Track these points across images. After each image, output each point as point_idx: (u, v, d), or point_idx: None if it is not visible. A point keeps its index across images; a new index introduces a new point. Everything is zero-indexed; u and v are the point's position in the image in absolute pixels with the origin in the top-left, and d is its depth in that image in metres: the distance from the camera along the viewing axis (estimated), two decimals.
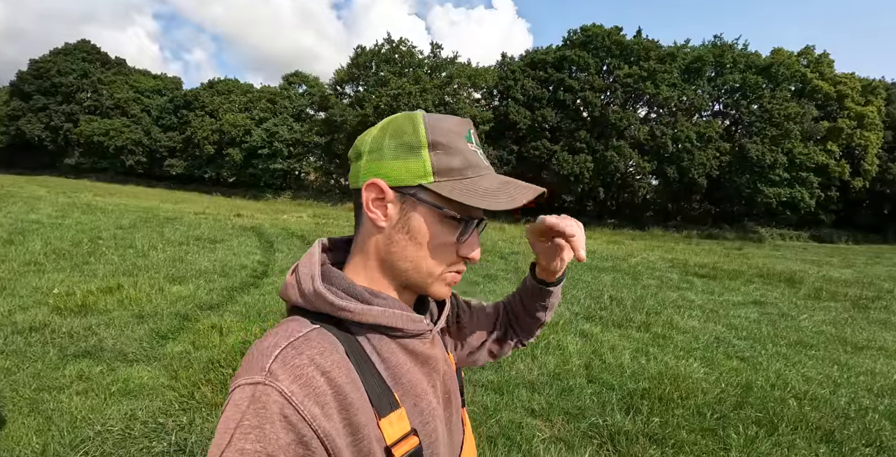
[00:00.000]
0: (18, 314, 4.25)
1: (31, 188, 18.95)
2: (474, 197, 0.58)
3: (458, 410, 0.74)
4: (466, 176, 0.60)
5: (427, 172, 0.59)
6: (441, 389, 0.68)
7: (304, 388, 0.51)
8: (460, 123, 0.63)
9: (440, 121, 0.62)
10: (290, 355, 0.53)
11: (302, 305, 0.61)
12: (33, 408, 2.79)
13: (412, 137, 0.60)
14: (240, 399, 0.51)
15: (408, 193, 0.60)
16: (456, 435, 0.71)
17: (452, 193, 0.58)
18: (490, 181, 0.61)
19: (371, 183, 0.61)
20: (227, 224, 11.79)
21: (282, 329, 0.57)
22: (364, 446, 0.54)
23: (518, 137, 29.19)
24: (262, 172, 35.79)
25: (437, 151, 0.60)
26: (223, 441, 0.48)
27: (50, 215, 10.52)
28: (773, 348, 4.82)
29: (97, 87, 42.41)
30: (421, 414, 0.62)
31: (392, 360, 0.61)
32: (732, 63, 28.26)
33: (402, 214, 0.61)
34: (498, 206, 0.58)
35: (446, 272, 0.64)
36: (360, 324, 0.60)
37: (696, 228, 27.09)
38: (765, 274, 9.57)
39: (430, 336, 0.67)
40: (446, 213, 0.60)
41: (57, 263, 6.23)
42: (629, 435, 2.83)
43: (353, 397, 0.54)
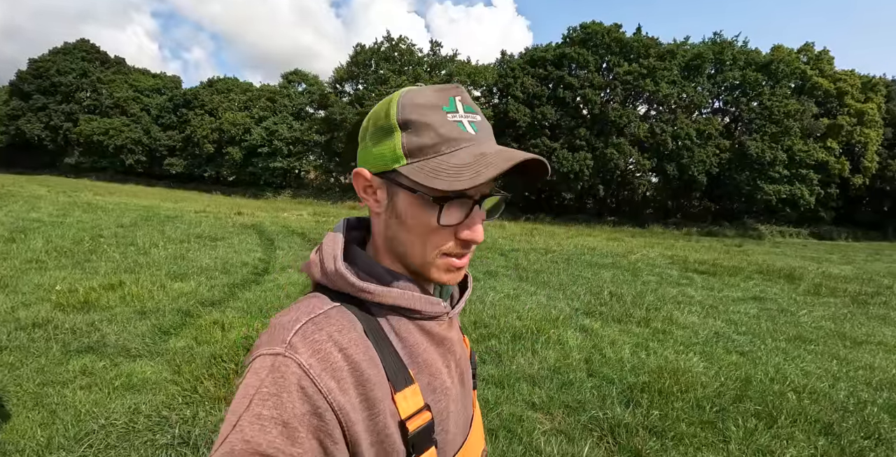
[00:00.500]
0: (21, 311, 4.27)
1: (31, 187, 18.96)
2: (439, 177, 0.55)
3: (469, 391, 0.75)
4: (440, 153, 0.56)
5: (399, 155, 0.57)
6: (455, 370, 0.69)
7: (321, 362, 0.53)
8: (439, 92, 0.59)
9: (416, 96, 0.58)
10: (309, 331, 0.55)
11: (325, 283, 0.62)
12: (37, 402, 2.81)
13: (385, 120, 0.59)
14: (260, 368, 0.52)
15: (388, 178, 0.59)
16: (467, 415, 0.73)
17: (418, 176, 0.56)
18: (463, 156, 0.56)
19: (356, 172, 0.62)
20: (227, 222, 11.80)
21: (303, 305, 0.59)
22: (380, 421, 0.55)
23: (518, 135, 29.17)
24: (261, 171, 35.81)
25: (407, 130, 0.57)
26: (241, 406, 0.50)
27: (51, 214, 10.54)
28: (773, 343, 4.84)
29: (97, 86, 42.37)
30: (434, 392, 0.63)
31: (409, 339, 0.62)
32: (732, 60, 28.23)
33: (389, 199, 0.61)
34: (458, 184, 0.54)
35: (439, 256, 0.61)
36: (380, 305, 0.61)
37: (695, 226, 27.10)
38: (764, 270, 9.58)
39: (448, 319, 0.67)
40: (421, 195, 0.57)
41: (59, 261, 6.25)
42: (629, 428, 2.85)
43: (370, 374, 0.55)
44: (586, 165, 26.95)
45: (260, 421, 0.49)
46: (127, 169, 40.86)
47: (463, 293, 0.74)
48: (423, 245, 0.60)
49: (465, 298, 0.73)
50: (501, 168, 0.55)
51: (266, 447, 0.48)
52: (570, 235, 16.44)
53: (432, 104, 0.58)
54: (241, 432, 0.48)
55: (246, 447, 0.48)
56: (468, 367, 0.75)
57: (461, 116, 0.59)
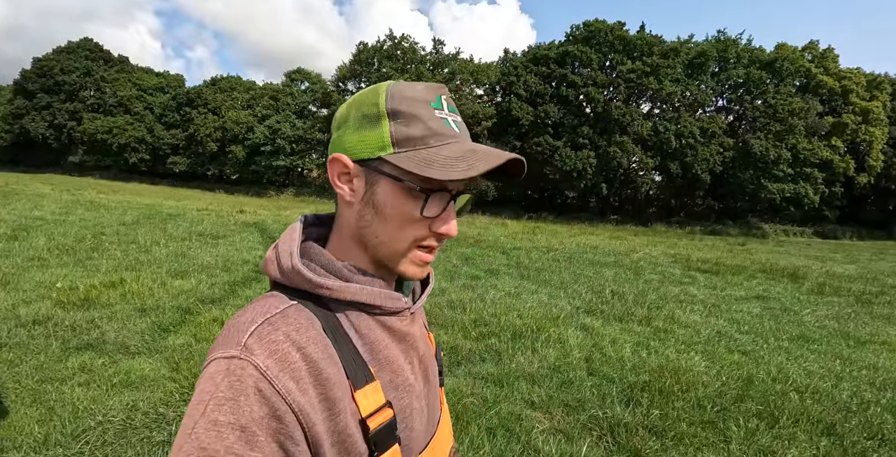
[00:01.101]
0: (22, 308, 4.28)
1: (35, 186, 19.04)
2: (432, 167, 0.55)
3: (435, 388, 0.73)
4: (429, 145, 0.57)
5: (386, 144, 0.57)
6: (419, 366, 0.68)
7: (279, 363, 0.51)
8: (428, 88, 0.60)
9: (405, 89, 0.59)
10: (266, 331, 0.53)
11: (281, 281, 0.60)
12: (36, 399, 2.81)
13: (372, 108, 0.58)
14: (215, 372, 0.50)
15: (370, 167, 0.58)
16: (433, 413, 0.71)
17: (409, 165, 0.55)
18: (453, 150, 0.57)
19: (333, 158, 0.60)
20: (229, 220, 11.81)
21: (259, 305, 0.57)
22: (340, 421, 0.54)
23: (520, 133, 29.14)
24: (264, 169, 35.87)
25: (396, 120, 0.57)
26: (197, 412, 0.48)
27: (54, 212, 10.57)
28: (775, 343, 4.80)
29: (100, 85, 42.52)
30: (396, 389, 0.62)
31: (370, 336, 0.61)
32: (736, 58, 28.11)
33: (368, 188, 0.59)
34: (453, 174, 0.54)
35: (414, 249, 0.61)
36: (339, 301, 0.60)
37: (699, 224, 27.03)
38: (768, 269, 9.53)
39: (409, 314, 0.66)
40: (406, 185, 0.57)
41: (60, 259, 6.26)
42: (629, 427, 2.82)
43: (330, 373, 0.54)
44: (589, 163, 26.90)
45: (216, 427, 0.47)
46: (131, 167, 41.00)
47: (424, 289, 0.73)
48: (399, 236, 0.60)
49: (427, 293, 0.72)
50: (493, 163, 0.55)
51: (224, 454, 0.46)
52: (572, 233, 16.40)
53: (421, 98, 0.58)
54: (197, 439, 0.46)
55: (202, 455, 0.46)
56: (433, 363, 0.74)
57: (446, 113, 0.60)
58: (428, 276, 0.75)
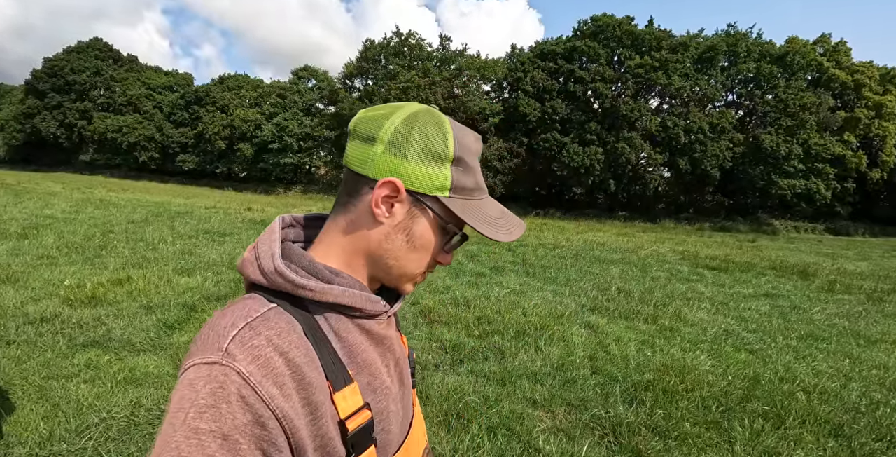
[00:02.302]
0: (30, 305, 4.34)
1: (46, 184, 19.27)
2: (483, 223, 0.62)
3: (408, 390, 0.74)
4: (475, 197, 0.64)
5: (446, 187, 0.61)
6: (395, 369, 0.69)
7: (262, 368, 0.50)
8: (477, 140, 0.65)
9: (464, 135, 0.63)
10: (247, 336, 0.52)
11: (261, 282, 0.59)
12: (41, 395, 2.84)
13: (442, 148, 0.60)
14: (195, 378, 0.49)
15: (422, 200, 0.61)
16: (407, 414, 0.72)
17: (464, 213, 0.61)
18: (492, 209, 0.66)
19: (389, 181, 0.59)
20: (237, 218, 11.88)
21: (238, 308, 0.56)
22: (322, 424, 0.54)
23: (528, 130, 28.99)
24: (272, 167, 36.01)
25: (459, 167, 0.61)
26: (177, 420, 0.47)
27: (64, 210, 10.69)
28: (784, 341, 4.75)
29: (110, 84, 42.86)
30: (374, 392, 0.62)
31: (349, 339, 0.61)
32: (746, 52, 27.73)
33: (409, 217, 0.61)
34: (498, 237, 0.62)
35: (421, 274, 0.67)
36: (319, 303, 0.59)
37: (708, 221, 26.76)
38: (778, 266, 9.43)
39: (386, 318, 0.67)
40: (449, 228, 0.63)
41: (69, 257, 6.33)
42: (631, 427, 2.80)
43: (312, 377, 0.54)
44: (597, 159, 26.71)
45: (197, 436, 0.46)
46: (140, 166, 41.34)
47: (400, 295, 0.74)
48: (418, 263, 0.65)
49: (403, 298, 0.73)
50: (521, 233, 0.67)
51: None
52: (579, 230, 16.32)
53: (475, 150, 0.64)
54: (178, 448, 0.45)
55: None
56: (407, 366, 0.74)
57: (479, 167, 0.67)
58: None
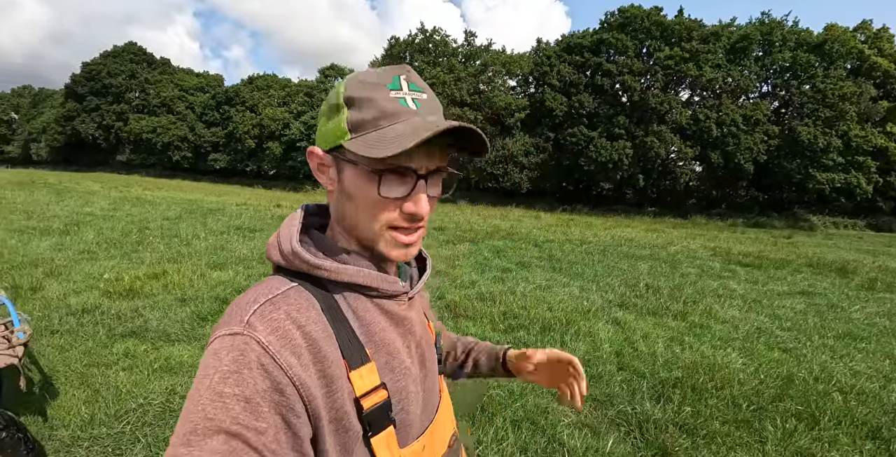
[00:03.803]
0: (72, 297, 4.54)
1: (86, 184, 20.07)
2: (375, 147, 0.55)
3: (434, 375, 0.74)
4: (379, 127, 0.58)
5: (344, 131, 0.59)
6: (416, 351, 0.69)
7: (280, 339, 0.53)
8: (386, 70, 0.61)
9: (361, 75, 0.61)
10: (267, 310, 0.55)
11: (283, 264, 0.63)
12: (83, 381, 2.98)
13: (333, 98, 0.61)
14: (219, 348, 0.52)
15: (336, 155, 0.61)
16: (432, 399, 0.73)
17: (358, 148, 0.57)
18: (402, 128, 0.57)
19: (309, 151, 0.63)
20: (266, 214, 12.14)
21: (262, 287, 0.59)
22: (337, 398, 0.56)
23: (554, 125, 28.67)
24: (301, 165, 36.65)
25: (352, 107, 0.59)
26: (202, 385, 0.50)
27: (103, 208, 11.14)
28: (819, 340, 4.58)
29: (144, 86, 44.35)
30: (392, 371, 0.63)
31: (367, 318, 0.62)
32: (782, 41, 26.72)
33: (339, 176, 0.62)
34: (385, 152, 0.54)
35: (387, 230, 0.61)
36: (337, 283, 0.62)
37: (741, 217, 25.94)
38: (814, 263, 9.09)
39: (406, 299, 0.68)
40: (362, 167, 0.58)
41: (108, 252, 6.59)
42: (658, 424, 2.76)
43: (328, 351, 0.56)
44: (625, 154, 26.23)
45: (222, 399, 0.49)
46: (174, 165, 42.69)
47: (422, 276, 0.75)
48: (369, 218, 0.61)
49: (424, 279, 0.74)
50: (421, 136, 0.53)
51: (230, 424, 0.48)
52: (607, 225, 16.06)
53: (376, 82, 0.59)
54: (203, 411, 0.48)
55: (209, 425, 0.47)
56: (432, 350, 0.75)
57: (405, 93, 0.60)
58: (425, 264, 0.77)
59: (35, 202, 11.49)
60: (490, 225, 12.38)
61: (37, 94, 61.19)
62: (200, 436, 0.47)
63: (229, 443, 0.47)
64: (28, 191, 14.19)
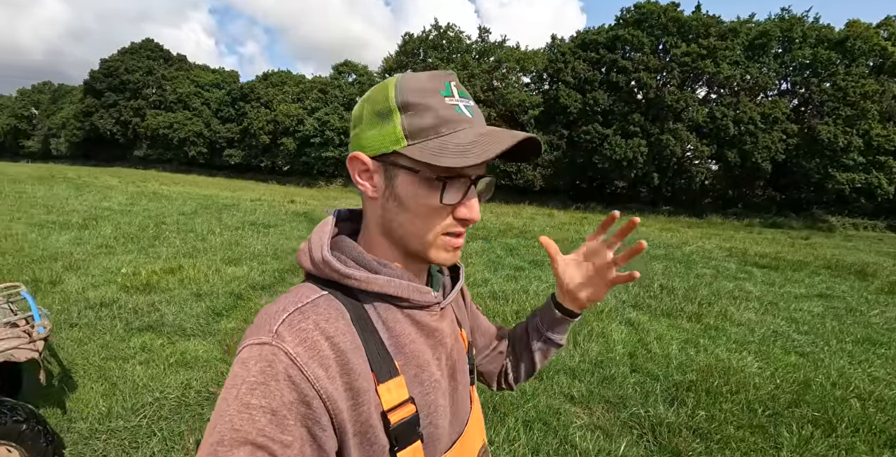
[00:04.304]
0: (90, 291, 4.62)
1: (104, 178, 20.39)
2: (445, 155, 0.55)
3: (465, 386, 0.73)
4: (440, 134, 0.57)
5: (399, 137, 0.57)
6: (446, 362, 0.68)
7: (308, 350, 0.53)
8: (434, 76, 0.60)
9: (410, 80, 0.59)
10: (296, 320, 0.55)
11: (313, 272, 0.62)
12: (101, 375, 3.04)
13: (383, 104, 0.59)
14: (247, 358, 0.52)
15: (387, 161, 0.59)
16: (461, 410, 0.71)
17: (423, 155, 0.56)
18: (466, 136, 0.57)
19: (352, 156, 0.61)
20: (280, 210, 12.24)
21: (291, 295, 0.59)
22: (363, 411, 0.55)
23: (568, 122, 28.43)
24: (314, 161, 36.84)
25: (408, 112, 0.57)
26: (230, 395, 0.50)
27: (120, 203, 11.31)
28: (838, 345, 4.50)
29: (161, 83, 44.85)
30: (421, 384, 0.62)
31: (397, 329, 0.62)
32: (802, 38, 26.13)
33: (388, 182, 0.60)
34: (467, 161, 0.54)
35: (440, 236, 0.62)
36: (367, 292, 0.61)
37: (758, 217, 25.52)
38: (833, 266, 8.91)
39: (439, 309, 0.67)
40: (424, 175, 0.58)
41: (125, 246, 6.70)
42: (672, 427, 2.73)
43: (356, 363, 0.55)
44: (640, 152, 25.92)
45: (248, 410, 0.49)
46: (190, 160, 43.16)
47: (454, 284, 0.73)
48: (425, 225, 0.60)
49: (457, 289, 0.72)
50: (507, 144, 0.55)
51: (255, 436, 0.48)
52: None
53: (430, 88, 0.58)
54: (230, 422, 0.49)
55: (235, 436, 0.48)
56: (463, 360, 0.73)
57: (457, 100, 0.60)
58: (458, 272, 0.76)
59: (55, 197, 11.71)
60: (503, 223, 12.34)
61: (56, 91, 62.26)
62: (227, 447, 0.47)
63: (255, 455, 0.47)
64: (48, 185, 14.47)
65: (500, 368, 0.94)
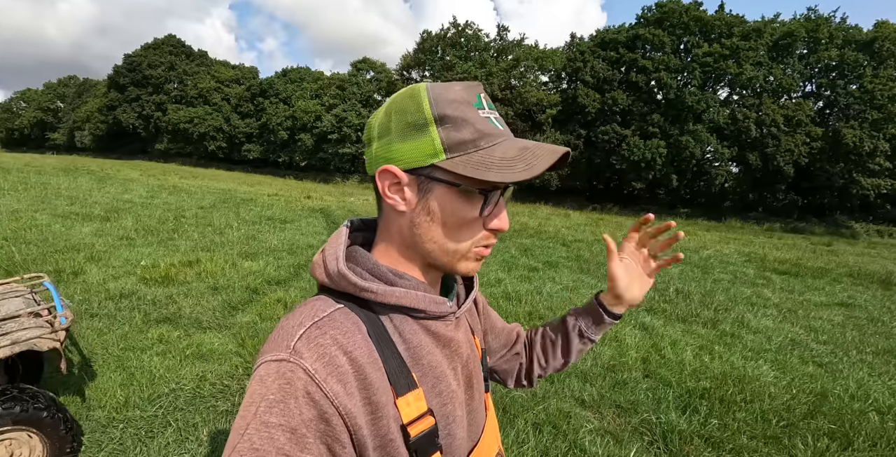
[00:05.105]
0: (111, 282, 4.72)
1: (126, 171, 20.78)
2: (491, 170, 0.55)
3: (480, 394, 0.73)
4: (480, 147, 0.56)
5: (438, 151, 0.56)
6: (462, 372, 0.68)
7: (327, 366, 0.53)
8: (467, 88, 0.59)
9: (444, 91, 0.57)
10: (314, 335, 0.54)
11: (328, 284, 0.62)
12: (119, 365, 3.10)
13: (417, 115, 0.57)
14: (265, 375, 0.52)
15: (422, 175, 0.58)
16: (477, 419, 0.71)
17: (466, 169, 0.55)
18: (506, 149, 0.57)
19: (384, 170, 0.59)
20: (297, 206, 12.36)
21: (307, 308, 0.59)
22: (383, 425, 0.55)
23: (586, 122, 28.21)
24: (331, 157, 37.13)
25: (445, 125, 0.56)
26: (248, 413, 0.51)
27: (141, 196, 11.52)
28: (857, 356, 4.40)
29: (183, 78, 45.61)
30: (439, 395, 0.62)
31: (413, 341, 0.61)
32: (828, 38, 25.52)
33: (421, 197, 0.59)
34: (515, 177, 0.54)
35: (474, 248, 0.62)
36: (383, 304, 0.60)
37: (779, 221, 25.05)
38: (855, 273, 8.71)
39: (454, 319, 0.66)
40: (465, 189, 0.57)
41: (146, 239, 6.82)
42: (683, 435, 2.70)
43: (374, 377, 0.55)
44: (659, 153, 25.61)
45: (267, 429, 0.49)
46: (209, 154, 43.83)
47: (468, 293, 0.73)
48: (460, 238, 0.60)
49: (472, 297, 0.72)
50: (551, 160, 0.56)
51: (275, 455, 0.48)
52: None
53: (464, 100, 0.57)
54: (249, 440, 0.49)
55: (254, 456, 0.48)
56: (478, 369, 0.73)
57: (488, 112, 0.59)
58: (472, 280, 0.76)
59: (78, 188, 11.96)
60: (518, 222, 12.29)
61: (81, 85, 63.66)
62: None
63: None
64: (72, 177, 14.79)
65: (518, 367, 0.95)
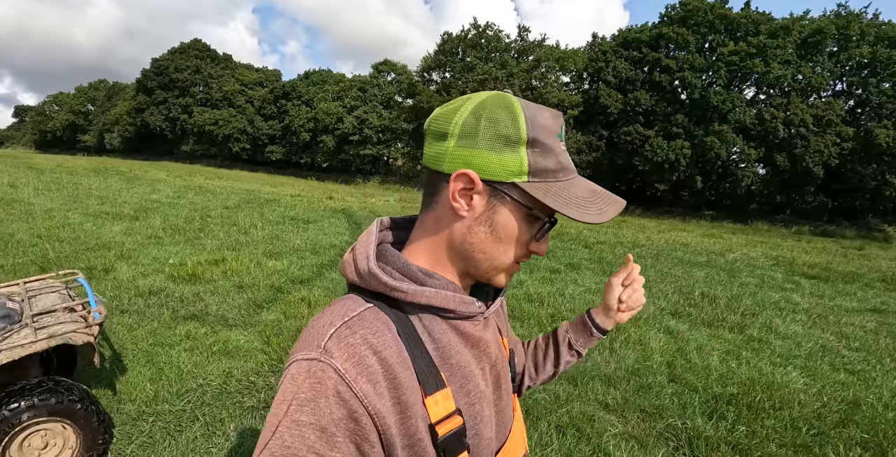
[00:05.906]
0: (140, 280, 4.85)
1: (153, 172, 21.32)
2: (568, 205, 0.58)
3: (508, 395, 0.73)
4: (559, 179, 0.59)
5: (523, 171, 0.57)
6: (490, 372, 0.68)
7: (357, 366, 0.53)
8: (555, 117, 0.60)
9: (537, 114, 0.58)
10: (344, 334, 0.55)
11: (358, 283, 0.62)
12: (148, 360, 3.19)
13: (511, 130, 0.57)
14: (297, 373, 0.53)
15: (499, 189, 0.58)
16: (505, 419, 0.71)
17: (546, 197, 0.57)
18: (580, 189, 0.60)
19: (462, 173, 0.57)
20: (319, 206, 12.51)
21: (337, 307, 0.60)
22: (411, 424, 0.56)
23: (608, 122, 27.87)
24: (353, 158, 37.46)
25: (534, 149, 0.57)
26: (280, 411, 0.52)
27: (168, 196, 11.80)
28: (891, 363, 4.24)
29: (208, 81, 46.64)
30: (467, 395, 0.62)
31: (442, 340, 0.61)
32: (860, 35, 24.67)
33: (489, 208, 0.59)
34: (588, 218, 0.57)
35: (513, 265, 0.64)
36: (413, 304, 0.61)
37: (808, 224, 24.32)
38: (888, 278, 8.41)
39: (483, 319, 0.66)
40: (534, 213, 0.59)
41: (173, 238, 6.99)
42: (710, 441, 2.65)
43: (403, 377, 0.56)
44: (683, 154, 25.13)
45: (298, 427, 0.50)
46: (234, 156, 44.64)
47: (497, 294, 0.73)
48: (507, 254, 0.63)
49: (500, 298, 0.72)
50: (617, 211, 0.61)
51: (305, 453, 0.49)
52: (661, 229, 15.50)
53: (552, 129, 0.59)
54: (281, 438, 0.50)
55: (286, 453, 0.49)
56: (506, 369, 0.73)
57: (564, 146, 0.62)
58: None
59: (108, 188, 12.32)
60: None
61: (111, 88, 65.54)
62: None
63: None
64: (102, 178, 15.24)
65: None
